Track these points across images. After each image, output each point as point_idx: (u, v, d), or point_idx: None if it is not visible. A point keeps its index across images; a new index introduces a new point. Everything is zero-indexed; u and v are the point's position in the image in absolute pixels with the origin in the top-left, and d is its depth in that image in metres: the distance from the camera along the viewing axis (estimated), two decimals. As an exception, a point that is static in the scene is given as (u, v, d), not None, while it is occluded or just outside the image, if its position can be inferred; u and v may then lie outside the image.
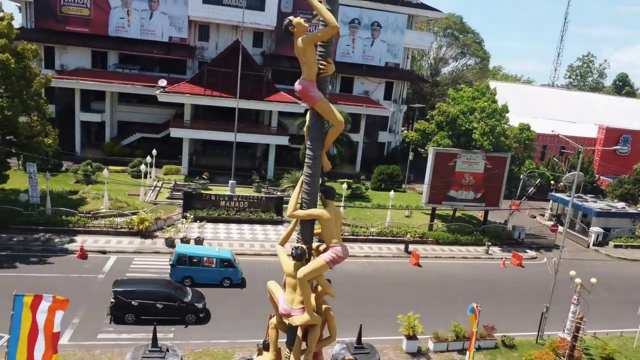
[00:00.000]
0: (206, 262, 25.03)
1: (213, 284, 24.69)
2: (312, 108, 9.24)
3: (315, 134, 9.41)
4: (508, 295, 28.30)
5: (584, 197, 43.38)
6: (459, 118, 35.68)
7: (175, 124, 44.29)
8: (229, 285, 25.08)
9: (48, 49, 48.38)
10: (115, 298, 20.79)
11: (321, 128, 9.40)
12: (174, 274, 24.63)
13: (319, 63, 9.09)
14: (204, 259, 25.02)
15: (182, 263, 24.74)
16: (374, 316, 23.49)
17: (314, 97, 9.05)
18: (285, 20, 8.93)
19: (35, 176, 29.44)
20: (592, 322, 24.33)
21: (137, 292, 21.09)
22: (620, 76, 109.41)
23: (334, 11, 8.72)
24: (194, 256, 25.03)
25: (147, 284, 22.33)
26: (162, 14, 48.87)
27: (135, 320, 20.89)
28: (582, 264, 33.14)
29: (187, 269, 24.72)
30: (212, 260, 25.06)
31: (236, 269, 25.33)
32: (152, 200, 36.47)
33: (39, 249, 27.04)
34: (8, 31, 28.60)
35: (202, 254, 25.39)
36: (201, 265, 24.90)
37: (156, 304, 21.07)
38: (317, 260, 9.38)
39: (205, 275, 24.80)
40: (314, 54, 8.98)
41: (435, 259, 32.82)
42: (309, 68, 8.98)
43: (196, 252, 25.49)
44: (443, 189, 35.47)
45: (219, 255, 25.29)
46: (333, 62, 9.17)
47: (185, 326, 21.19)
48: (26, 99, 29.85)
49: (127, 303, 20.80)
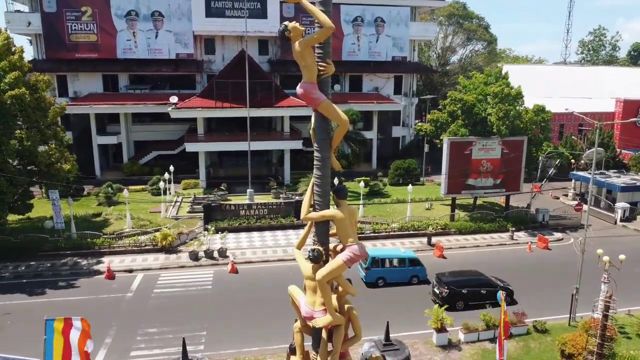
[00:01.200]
0: (397, 263, 26.55)
1: (403, 283, 26.37)
2: (315, 110, 9.29)
3: (321, 136, 9.45)
4: (536, 279, 27.87)
5: (606, 173, 42.54)
6: (475, 106, 35.19)
7: (189, 138, 44.84)
8: (416, 282, 26.50)
9: (60, 77, 49.50)
10: (448, 288, 23.49)
11: (327, 129, 9.43)
12: (369, 276, 26.33)
13: (319, 65, 9.13)
14: (394, 259, 26.55)
15: (375, 265, 26.34)
16: (402, 311, 23.43)
17: (316, 99, 9.10)
18: (280, 26, 9.02)
19: (58, 202, 30.08)
20: (626, 299, 23.89)
21: (465, 282, 24.11)
22: (635, 46, 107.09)
23: (328, 12, 8.77)
24: (385, 258, 26.45)
25: (466, 275, 25.02)
26: (167, 32, 49.57)
27: (464, 306, 23.62)
28: (610, 241, 32.49)
29: (381, 271, 26.35)
30: (402, 260, 26.65)
31: (422, 266, 26.82)
32: (174, 216, 36.94)
33: (68, 273, 27.61)
34: (20, 64, 29.33)
35: (392, 255, 26.87)
36: (392, 266, 26.45)
37: (480, 290, 23.71)
38: (335, 261, 9.40)
39: (396, 275, 26.43)
40: (313, 56, 9.03)
41: (459, 249, 32.53)
42: (309, 71, 9.04)
43: (387, 254, 26.96)
44: (461, 178, 35.14)
45: (406, 255, 27.09)
46: (332, 63, 9.20)
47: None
48: (43, 129, 30.60)
49: (458, 292, 23.54)
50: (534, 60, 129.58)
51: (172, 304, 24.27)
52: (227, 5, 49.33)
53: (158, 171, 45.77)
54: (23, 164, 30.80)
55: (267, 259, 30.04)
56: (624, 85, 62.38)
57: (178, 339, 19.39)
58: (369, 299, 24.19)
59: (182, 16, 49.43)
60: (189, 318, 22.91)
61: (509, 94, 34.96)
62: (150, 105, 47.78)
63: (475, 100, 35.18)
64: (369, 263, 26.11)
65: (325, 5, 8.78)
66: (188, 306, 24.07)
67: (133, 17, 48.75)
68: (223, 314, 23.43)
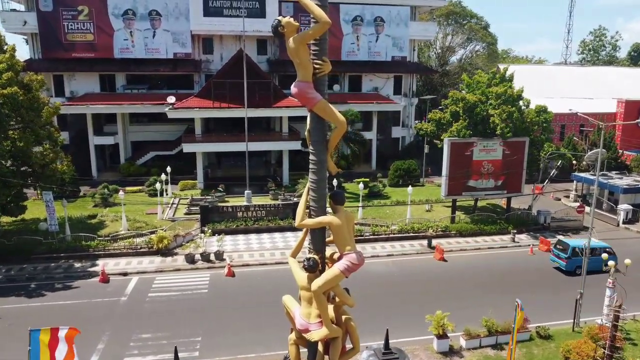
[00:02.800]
0: (595, 252, 27.25)
1: (596, 271, 26.63)
2: (311, 110, 8.78)
3: (317, 138, 8.94)
4: (539, 283, 27.39)
5: (608, 175, 42.07)
6: (477, 107, 34.63)
7: (187, 139, 44.33)
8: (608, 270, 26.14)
9: (57, 77, 49.03)
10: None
11: (323, 131, 8.93)
12: (569, 265, 28.25)
13: (314, 62, 8.61)
14: (595, 249, 27.40)
15: (575, 255, 27.81)
16: (401, 316, 22.96)
17: (312, 98, 8.58)
18: (273, 21, 8.49)
19: (52, 204, 29.58)
20: (630, 304, 23.38)
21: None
22: (635, 46, 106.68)
23: (324, 6, 8.25)
24: (584, 248, 26.60)
25: None
26: (165, 32, 49.08)
27: None
28: (613, 244, 31.97)
29: (579, 260, 26.83)
30: (598, 250, 27.58)
31: (614, 255, 27.32)
32: (170, 217, 36.44)
33: (61, 276, 27.11)
34: (12, 63, 28.81)
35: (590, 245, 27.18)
36: (591, 255, 26.61)
37: None
38: (331, 271, 8.89)
39: (592, 264, 26.17)
40: (308, 53, 8.51)
41: (460, 252, 32.04)
42: (304, 69, 8.52)
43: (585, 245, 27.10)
44: (462, 179, 34.65)
45: (599, 245, 28.40)
46: (329, 61, 8.68)
47: None
48: (37, 129, 30.07)
49: None
50: (534, 61, 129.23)
51: (167, 309, 23.76)
52: (225, 5, 48.84)
53: (155, 172, 45.26)
54: (17, 164, 30.29)
55: (264, 261, 29.55)
56: (626, 85, 61.91)
57: (172, 344, 18.84)
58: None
59: (180, 15, 48.95)
60: (184, 323, 22.42)
61: (512, 95, 34.39)
62: (148, 105, 47.30)
63: (477, 100, 34.61)
64: (569, 253, 28.13)
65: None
66: (183, 311, 23.57)
67: (130, 17, 48.26)
68: (219, 318, 22.94)
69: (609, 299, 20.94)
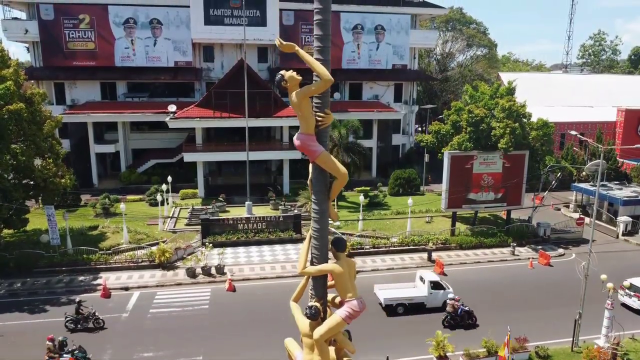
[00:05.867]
0: None
1: None
2: (313, 162, 8.88)
3: (319, 188, 9.04)
4: (538, 299, 27.47)
5: (608, 185, 42.18)
6: (483, 121, 34.43)
7: (187, 148, 44.42)
8: None
9: (58, 85, 49.12)
10: None
11: (325, 181, 9.03)
12: None
13: (317, 115, 8.72)
14: None
15: None
16: (401, 336, 23.03)
17: (314, 151, 8.68)
18: (277, 76, 8.59)
19: (54, 218, 29.72)
20: (628, 322, 23.56)
21: None
22: (635, 50, 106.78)
23: (327, 61, 8.36)
24: None
25: None
26: (165, 40, 49.20)
27: None
28: (612, 257, 32.23)
29: None
30: None
31: None
32: (171, 229, 36.56)
33: (63, 291, 27.23)
34: (15, 77, 28.93)
35: None
36: None
37: None
38: (333, 318, 8.99)
39: None
40: (310, 106, 8.63)
41: (460, 265, 32.15)
42: (306, 122, 8.63)
43: None
44: (462, 192, 34.74)
45: None
46: (331, 113, 8.79)
47: None
48: (39, 141, 30.17)
49: None
50: (534, 64, 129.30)
51: (169, 326, 23.88)
52: (226, 13, 48.90)
53: (156, 180, 45.44)
54: (19, 177, 30.40)
55: (265, 275, 29.66)
56: (627, 93, 62.00)
57: (173, 366, 19.05)
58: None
59: (181, 24, 49.06)
60: (186, 341, 22.52)
61: (517, 110, 34.20)
62: (149, 114, 47.40)
63: (483, 115, 34.34)
64: None
65: (323, 54, 8.38)
66: (184, 328, 23.67)
67: (131, 25, 48.38)
68: (220, 336, 23.05)
69: (607, 320, 21.06)
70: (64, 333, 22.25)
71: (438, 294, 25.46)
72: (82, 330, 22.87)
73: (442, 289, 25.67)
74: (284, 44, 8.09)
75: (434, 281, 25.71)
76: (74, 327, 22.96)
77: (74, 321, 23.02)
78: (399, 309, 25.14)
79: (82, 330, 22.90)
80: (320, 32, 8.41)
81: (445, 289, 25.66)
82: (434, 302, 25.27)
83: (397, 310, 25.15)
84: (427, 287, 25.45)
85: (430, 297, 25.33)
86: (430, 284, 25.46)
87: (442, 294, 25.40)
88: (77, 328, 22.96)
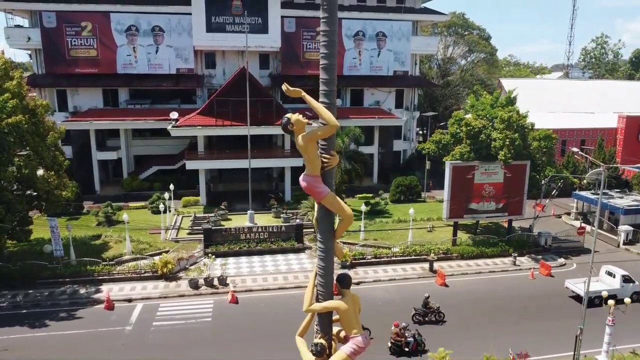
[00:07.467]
0: None
1: None
2: (319, 203, 9.01)
3: (325, 227, 9.15)
4: (539, 311, 27.55)
5: (609, 193, 42.27)
6: (482, 133, 34.56)
7: (189, 156, 44.58)
8: None
9: (60, 92, 49.29)
10: None
11: (330, 221, 9.15)
12: None
13: (322, 156, 8.84)
14: None
15: None
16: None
17: (320, 192, 8.79)
18: (283, 119, 8.71)
19: (57, 230, 29.85)
20: (630, 335, 23.67)
21: None
22: (636, 52, 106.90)
23: (332, 105, 8.45)
24: None
25: None
26: (167, 47, 49.32)
27: None
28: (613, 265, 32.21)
29: None
30: None
31: None
32: (174, 238, 36.71)
33: (67, 303, 27.37)
34: (19, 90, 29.07)
35: None
36: None
37: None
38: (339, 355, 9.10)
39: None
40: (316, 149, 8.73)
41: (461, 275, 32.23)
42: (312, 164, 8.72)
43: None
44: (463, 202, 34.84)
45: None
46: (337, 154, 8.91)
47: None
48: (41, 152, 30.30)
49: None
50: (535, 66, 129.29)
51: (172, 339, 24.00)
52: (228, 21, 49.04)
53: (158, 186, 45.61)
54: (22, 189, 30.55)
55: (267, 286, 29.79)
56: (628, 99, 62.09)
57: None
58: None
59: (183, 31, 49.18)
60: (189, 355, 22.65)
61: (517, 121, 34.28)
62: (151, 121, 47.54)
63: (482, 126, 34.43)
64: None
65: (329, 97, 8.49)
66: (188, 341, 23.81)
67: (133, 32, 48.51)
68: (223, 349, 23.18)
69: (608, 337, 21.17)
70: (67, 348, 22.42)
71: (628, 286, 28.27)
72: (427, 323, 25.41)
73: (632, 282, 28.55)
74: (291, 90, 8.22)
75: (625, 275, 28.69)
76: (421, 319, 25.66)
77: (422, 314, 25.80)
78: (595, 301, 26.82)
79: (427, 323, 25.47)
80: (326, 76, 8.49)
81: (634, 282, 28.56)
82: (624, 294, 27.12)
83: (594, 302, 26.73)
84: (619, 281, 28.48)
85: (622, 290, 28.02)
86: (622, 278, 28.48)
87: (632, 286, 28.29)
88: (424, 321, 25.58)
